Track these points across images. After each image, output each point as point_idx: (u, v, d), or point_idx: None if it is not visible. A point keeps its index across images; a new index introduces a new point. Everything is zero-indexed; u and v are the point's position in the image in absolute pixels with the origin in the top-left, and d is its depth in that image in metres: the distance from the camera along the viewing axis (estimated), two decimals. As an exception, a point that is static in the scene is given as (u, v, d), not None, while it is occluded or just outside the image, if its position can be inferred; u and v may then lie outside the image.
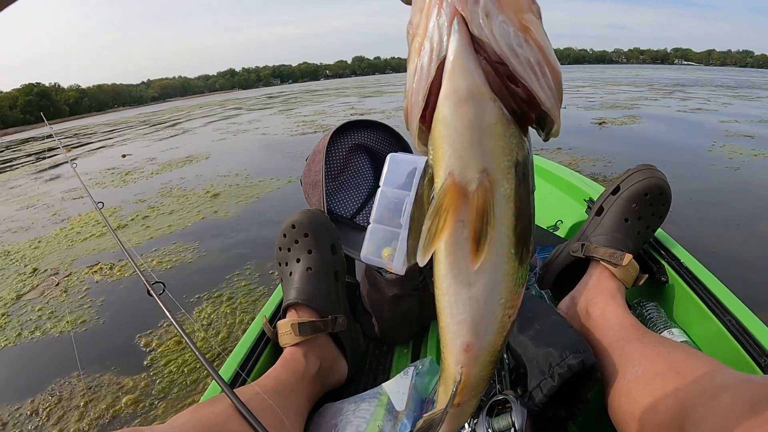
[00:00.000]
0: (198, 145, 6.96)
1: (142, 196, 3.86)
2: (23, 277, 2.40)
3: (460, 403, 0.42)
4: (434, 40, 0.27)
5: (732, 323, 0.72)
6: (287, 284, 0.86)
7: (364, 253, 0.88)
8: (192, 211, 3.19)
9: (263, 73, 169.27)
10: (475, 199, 0.29)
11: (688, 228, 2.17)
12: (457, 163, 0.29)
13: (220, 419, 0.60)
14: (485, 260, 0.31)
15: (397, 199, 0.86)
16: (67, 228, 3.20)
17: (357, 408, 0.73)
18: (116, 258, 2.46)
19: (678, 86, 12.80)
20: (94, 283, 2.21)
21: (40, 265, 2.54)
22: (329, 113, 9.88)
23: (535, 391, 0.63)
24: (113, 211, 3.47)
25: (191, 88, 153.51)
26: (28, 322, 1.90)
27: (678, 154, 3.74)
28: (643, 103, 7.98)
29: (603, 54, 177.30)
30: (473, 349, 0.37)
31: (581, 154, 3.82)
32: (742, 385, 0.45)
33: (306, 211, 0.87)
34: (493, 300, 0.34)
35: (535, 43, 0.26)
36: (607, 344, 0.69)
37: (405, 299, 0.95)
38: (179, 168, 5.04)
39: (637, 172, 0.84)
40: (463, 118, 0.28)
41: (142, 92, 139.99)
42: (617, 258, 0.79)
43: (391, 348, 1.03)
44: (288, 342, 0.81)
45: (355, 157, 1.19)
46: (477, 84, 0.27)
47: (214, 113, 14.59)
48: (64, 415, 1.32)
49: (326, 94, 19.56)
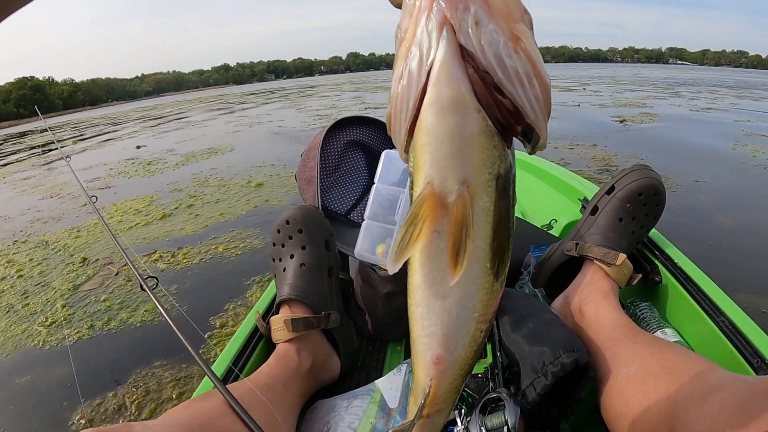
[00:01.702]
0: (214, 137, 6.91)
1: (175, 186, 3.83)
2: (73, 267, 2.34)
3: (429, 415, 0.41)
4: (423, 46, 0.26)
5: (725, 324, 0.72)
6: (281, 280, 0.85)
7: (358, 249, 0.88)
8: (240, 201, 3.16)
9: (258, 68, 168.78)
10: (454, 211, 0.28)
11: (745, 217, 2.30)
12: (437, 173, 0.28)
13: (211, 414, 0.60)
14: (460, 273, 0.30)
15: (392, 196, 0.86)
16: (105, 217, 3.10)
17: (350, 405, 0.73)
18: (174, 246, 2.43)
19: (680, 86, 12.88)
20: (159, 272, 2.17)
21: (87, 254, 2.49)
22: (341, 107, 9.83)
23: (528, 389, 0.63)
24: (150, 200, 3.45)
25: (185, 82, 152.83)
26: (98, 313, 1.84)
27: (706, 153, 3.82)
28: (653, 102, 8.02)
29: (598, 53, 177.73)
30: (443, 362, 0.36)
31: (614, 150, 3.90)
32: (734, 386, 0.46)
33: (300, 207, 0.87)
34: (465, 314, 0.34)
35: (524, 53, 0.26)
36: (600, 343, 0.69)
37: (399, 296, 0.95)
38: (205, 159, 5.01)
39: (631, 172, 0.84)
40: (446, 128, 0.27)
41: (136, 87, 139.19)
42: (611, 257, 0.79)
43: (384, 345, 1.03)
44: (281, 338, 0.80)
45: (350, 153, 1.19)
46: (462, 93, 0.26)
47: (218, 107, 14.48)
48: (156, 409, 1.29)
49: (328, 88, 19.50)
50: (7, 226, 3.31)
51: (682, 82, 14.98)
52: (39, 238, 2.91)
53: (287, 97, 15.82)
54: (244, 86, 70.75)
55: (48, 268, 2.40)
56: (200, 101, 21.29)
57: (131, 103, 55.57)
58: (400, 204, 0.84)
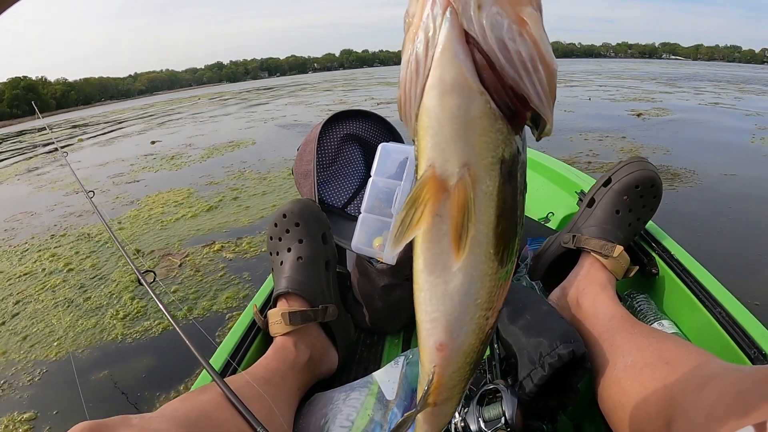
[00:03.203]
0: (228, 131, 6.86)
1: (209, 179, 3.81)
2: (126, 259, 2.28)
3: (436, 403, 0.41)
4: (428, 30, 0.26)
5: (722, 315, 0.72)
6: (278, 273, 0.85)
7: (355, 242, 0.88)
8: (288, 192, 3.17)
9: (251, 66, 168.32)
10: (455, 194, 0.28)
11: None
12: (439, 155, 0.28)
13: (209, 407, 0.60)
14: (462, 258, 0.30)
15: (388, 188, 0.86)
16: (144, 209, 3.13)
17: (347, 397, 0.73)
18: (234, 236, 2.41)
19: (681, 80, 12.89)
20: (228, 261, 2.15)
21: (140, 245, 2.46)
22: (350, 102, 9.76)
23: (525, 380, 0.63)
24: (187, 192, 3.43)
25: (179, 81, 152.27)
26: (174, 303, 1.79)
27: (727, 146, 3.85)
28: (662, 97, 8.03)
29: (591, 48, 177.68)
30: (446, 348, 0.36)
31: (640, 142, 3.96)
32: (731, 376, 0.46)
33: (297, 201, 0.87)
34: (468, 300, 0.33)
35: (529, 36, 0.25)
36: (597, 335, 0.69)
37: (396, 289, 0.95)
38: (229, 152, 4.99)
39: (628, 164, 0.84)
40: (447, 110, 0.27)
41: (129, 85, 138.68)
42: (608, 249, 0.79)
43: (382, 338, 1.03)
44: (278, 331, 0.80)
45: (346, 146, 1.18)
46: (464, 76, 0.26)
47: (222, 104, 14.39)
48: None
49: (328, 85, 19.39)
50: (37, 222, 3.26)
51: (681, 77, 14.98)
52: (78, 231, 2.87)
53: (292, 93, 15.72)
54: (239, 84, 70.35)
55: (99, 261, 2.36)
56: (198, 98, 21.19)
57: (125, 102, 55.25)
58: (397, 197, 0.84)
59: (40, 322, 1.82)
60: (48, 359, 1.58)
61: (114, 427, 0.48)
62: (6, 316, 1.91)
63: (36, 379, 1.47)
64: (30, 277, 2.28)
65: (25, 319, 1.87)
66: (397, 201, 0.84)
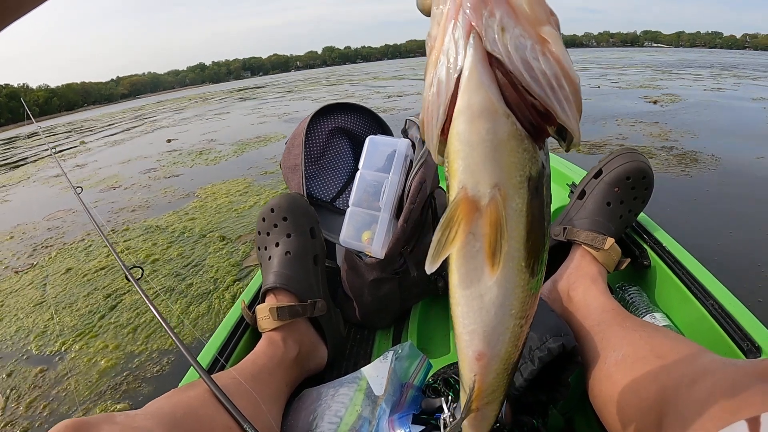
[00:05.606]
0: (241, 128, 6.73)
1: (260, 170, 3.77)
2: (217, 246, 2.27)
3: (479, 408, 0.43)
4: (450, 54, 0.27)
5: (714, 307, 0.72)
6: (266, 269, 0.84)
7: (343, 236, 0.87)
8: None
9: (233, 66, 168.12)
10: (488, 214, 0.29)
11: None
12: (470, 177, 0.29)
13: (195, 404, 0.59)
14: (497, 273, 0.32)
15: (377, 182, 0.85)
16: (207, 200, 3.07)
17: (336, 393, 0.72)
18: None
19: (675, 68, 12.86)
20: None
21: (223, 233, 2.42)
22: (360, 97, 9.58)
23: (515, 375, 0.62)
24: (245, 183, 3.37)
25: (162, 83, 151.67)
26: None
27: (747, 130, 3.84)
28: (666, 84, 8.00)
29: (573, 38, 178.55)
30: (485, 357, 0.38)
31: (669, 127, 3.96)
32: (724, 370, 0.45)
33: (285, 195, 0.86)
34: (503, 311, 0.35)
35: (552, 55, 0.26)
36: (588, 328, 0.69)
37: (385, 283, 0.94)
38: (263, 147, 4.92)
39: (619, 156, 0.83)
40: (476, 134, 0.28)
41: (111, 89, 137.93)
42: (599, 242, 0.79)
43: (372, 333, 1.02)
44: (266, 327, 0.79)
45: (335, 140, 1.17)
46: (491, 101, 0.27)
47: (219, 103, 14.18)
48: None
49: (329, 81, 19.28)
50: (81, 220, 3.13)
51: (674, 64, 14.90)
52: (142, 224, 2.78)
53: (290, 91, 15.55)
54: (222, 84, 69.55)
55: (183, 249, 2.30)
56: (189, 99, 20.99)
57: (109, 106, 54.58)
58: (385, 190, 0.83)
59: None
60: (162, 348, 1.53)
61: (97, 425, 0.48)
62: (103, 309, 1.84)
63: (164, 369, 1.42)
64: (110, 271, 2.21)
65: (126, 311, 1.81)
66: (385, 194, 0.83)
